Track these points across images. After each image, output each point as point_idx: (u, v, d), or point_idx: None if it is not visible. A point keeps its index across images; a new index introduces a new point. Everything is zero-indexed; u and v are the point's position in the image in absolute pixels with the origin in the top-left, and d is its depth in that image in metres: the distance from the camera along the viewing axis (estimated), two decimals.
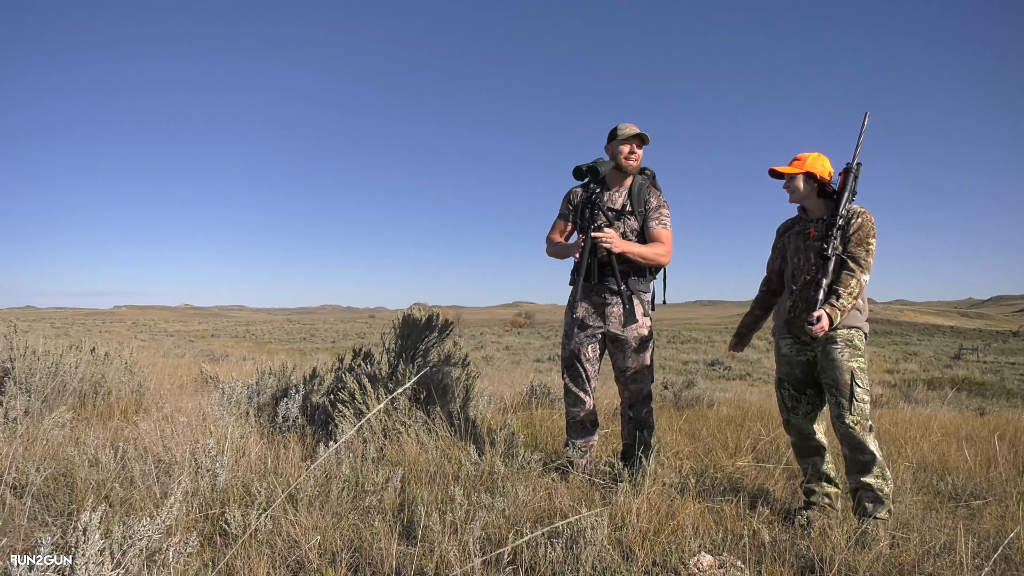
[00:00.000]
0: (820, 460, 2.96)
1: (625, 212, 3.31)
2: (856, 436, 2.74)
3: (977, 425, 5.88)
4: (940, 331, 65.45)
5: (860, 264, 2.78)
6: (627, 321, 3.25)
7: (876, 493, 2.73)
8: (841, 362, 2.78)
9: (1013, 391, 14.78)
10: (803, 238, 2.98)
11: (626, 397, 3.38)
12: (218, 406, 3.91)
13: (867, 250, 2.80)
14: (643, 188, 3.33)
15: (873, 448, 2.75)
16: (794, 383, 3.00)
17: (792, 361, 3.00)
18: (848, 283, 2.75)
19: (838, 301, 2.72)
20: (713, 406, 6.48)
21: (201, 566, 2.13)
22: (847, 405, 2.74)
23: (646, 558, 2.23)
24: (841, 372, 2.77)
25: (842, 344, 2.80)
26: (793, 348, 3.00)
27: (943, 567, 2.24)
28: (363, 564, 2.18)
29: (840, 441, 2.82)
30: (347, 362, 4.32)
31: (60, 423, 3.59)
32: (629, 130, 3.27)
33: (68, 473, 2.79)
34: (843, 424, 2.75)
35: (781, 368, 3.06)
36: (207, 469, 2.74)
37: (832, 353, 2.80)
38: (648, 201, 3.31)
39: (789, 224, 3.14)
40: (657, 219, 3.27)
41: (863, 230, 2.80)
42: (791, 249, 3.05)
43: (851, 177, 2.86)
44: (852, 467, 2.81)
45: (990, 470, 3.77)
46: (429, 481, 3.02)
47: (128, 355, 5.05)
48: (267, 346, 27.50)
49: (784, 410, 3.05)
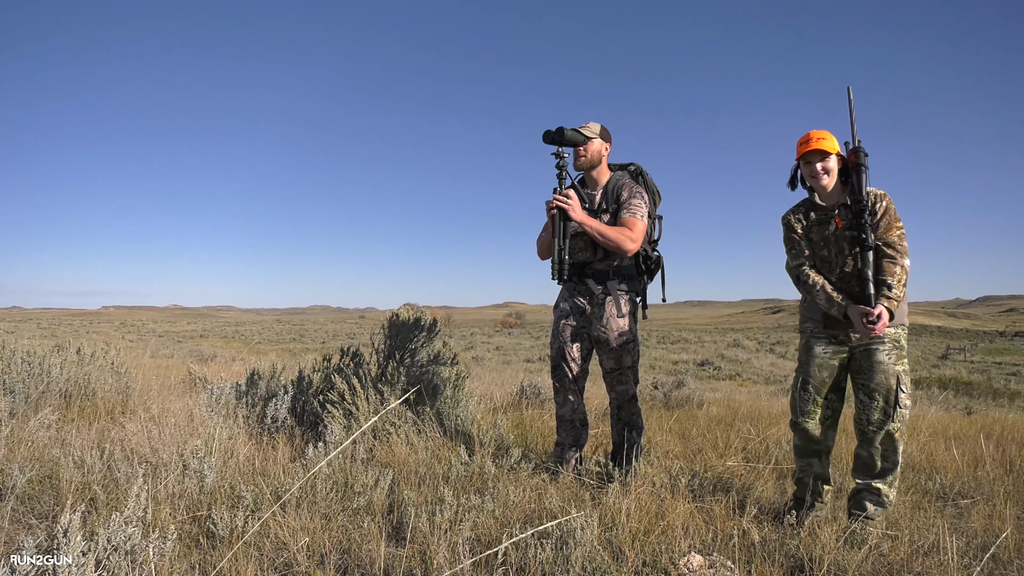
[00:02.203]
0: (820, 463, 2.82)
1: (600, 211, 3.30)
2: (894, 444, 2.62)
3: (964, 424, 5.92)
4: (928, 331, 66.01)
5: (898, 249, 2.59)
6: (607, 322, 3.25)
7: (882, 498, 2.65)
8: (888, 365, 2.61)
9: (1000, 391, 14.89)
10: (828, 227, 2.74)
11: (613, 398, 3.39)
12: (206, 407, 3.88)
13: (900, 233, 2.61)
14: (618, 184, 3.32)
15: (899, 456, 2.64)
16: (819, 386, 2.76)
17: (824, 364, 2.74)
18: (894, 271, 2.56)
19: (892, 292, 2.53)
20: (703, 406, 6.49)
21: (188, 568, 2.11)
22: (892, 412, 2.59)
23: (636, 558, 2.23)
24: (887, 376, 2.60)
25: (890, 345, 2.63)
26: (829, 349, 2.74)
27: (931, 566, 2.25)
28: (352, 566, 2.17)
29: (866, 444, 2.69)
30: (336, 362, 4.30)
31: (45, 424, 3.55)
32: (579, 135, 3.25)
33: (53, 475, 2.76)
34: (883, 432, 2.61)
35: (808, 369, 2.78)
36: (195, 470, 2.71)
37: (877, 355, 2.62)
38: (620, 195, 3.28)
39: (800, 213, 2.86)
40: (628, 208, 3.24)
41: (890, 213, 2.62)
42: (814, 241, 2.80)
43: (864, 156, 2.66)
44: (867, 469, 2.69)
45: (977, 469, 3.79)
46: (419, 482, 3.01)
47: (115, 356, 5.00)
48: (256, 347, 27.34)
49: (798, 412, 2.82)
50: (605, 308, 3.25)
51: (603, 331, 3.26)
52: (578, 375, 3.39)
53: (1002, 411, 9.75)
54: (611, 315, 3.25)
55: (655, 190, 3.43)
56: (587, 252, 3.29)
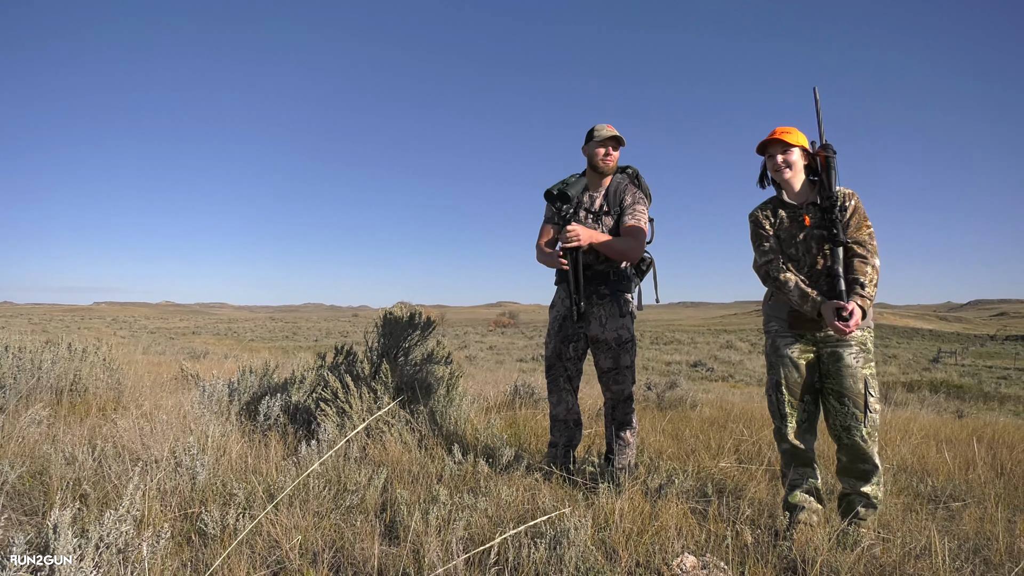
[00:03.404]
0: (811, 472, 2.73)
1: (602, 213, 3.32)
2: (865, 449, 2.59)
3: (956, 428, 5.95)
4: (919, 334, 66.30)
5: (868, 248, 2.57)
6: (608, 323, 3.26)
7: (871, 499, 2.63)
8: (855, 369, 2.59)
9: (990, 394, 15.00)
10: (798, 226, 2.70)
11: (608, 398, 3.39)
12: (199, 404, 3.86)
13: (869, 232, 2.60)
14: (620, 187, 3.34)
15: (877, 459, 2.62)
16: (792, 388, 2.71)
17: (792, 363, 2.70)
18: (865, 270, 2.54)
19: (864, 291, 2.51)
20: (696, 407, 6.51)
21: (180, 566, 2.09)
22: (861, 417, 2.57)
23: (629, 559, 2.23)
24: (855, 380, 2.58)
25: (856, 348, 2.61)
26: (795, 349, 2.70)
27: (923, 568, 2.25)
28: (345, 564, 2.16)
29: (841, 449, 2.67)
30: (330, 360, 4.28)
31: (36, 420, 3.53)
32: (605, 132, 3.29)
33: (43, 471, 2.74)
34: (853, 437, 2.60)
35: (778, 370, 2.73)
36: (187, 467, 2.70)
37: (844, 358, 2.60)
38: (624, 199, 3.31)
39: (767, 210, 2.81)
40: (631, 214, 3.26)
41: (859, 212, 2.61)
42: (783, 239, 2.75)
43: (832, 154, 2.65)
44: (849, 474, 2.67)
45: (968, 472, 3.81)
46: (412, 481, 3.00)
47: (107, 352, 4.97)
48: (249, 344, 27.26)
49: (778, 417, 2.75)
50: (604, 309, 3.27)
51: (602, 331, 3.26)
52: (573, 375, 3.40)
53: (993, 414, 9.82)
54: (611, 315, 3.26)
55: (648, 193, 3.46)
56: (589, 256, 3.29)
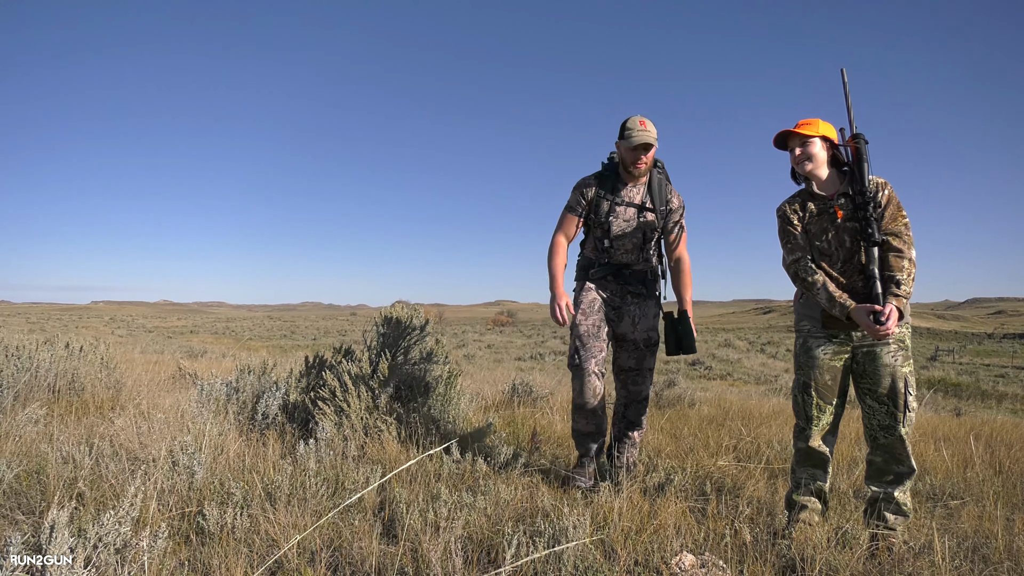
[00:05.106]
0: (821, 474, 2.63)
1: (645, 207, 3.22)
2: (903, 450, 2.48)
3: (954, 426, 5.95)
4: (917, 332, 66.40)
5: (904, 240, 2.43)
6: (640, 323, 3.24)
7: (901, 506, 2.51)
8: (895, 367, 2.46)
9: (988, 392, 15.02)
10: (829, 218, 2.55)
11: (623, 396, 3.34)
12: (196, 403, 3.85)
13: (905, 223, 2.46)
14: (662, 184, 3.26)
15: (912, 461, 2.50)
16: (821, 391, 2.57)
17: (825, 365, 2.56)
18: (901, 265, 2.40)
19: (901, 289, 2.38)
20: (694, 406, 6.51)
21: (177, 565, 2.09)
22: (901, 417, 2.45)
23: (628, 558, 2.23)
24: (895, 379, 2.45)
25: (895, 346, 2.47)
26: (829, 350, 2.56)
27: (922, 567, 2.25)
28: (343, 563, 2.15)
29: (876, 451, 2.55)
30: (328, 359, 4.28)
31: (33, 419, 3.52)
32: (637, 138, 3.04)
33: (40, 470, 2.73)
34: (894, 436, 2.47)
35: (808, 372, 2.59)
36: (184, 466, 2.69)
37: (883, 357, 2.47)
38: (670, 201, 3.26)
39: (796, 204, 2.65)
40: (681, 225, 3.27)
41: (894, 202, 2.47)
42: (813, 232, 2.60)
43: (864, 143, 2.49)
44: (882, 476, 2.54)
45: (967, 470, 3.81)
46: (410, 480, 2.99)
47: (104, 350, 4.96)
48: (247, 343, 27.22)
49: (803, 418, 2.62)
50: (639, 308, 3.24)
51: (632, 330, 3.23)
52: (604, 358, 3.19)
53: (990, 412, 9.83)
54: (644, 315, 3.24)
55: None
56: (632, 255, 3.25)
